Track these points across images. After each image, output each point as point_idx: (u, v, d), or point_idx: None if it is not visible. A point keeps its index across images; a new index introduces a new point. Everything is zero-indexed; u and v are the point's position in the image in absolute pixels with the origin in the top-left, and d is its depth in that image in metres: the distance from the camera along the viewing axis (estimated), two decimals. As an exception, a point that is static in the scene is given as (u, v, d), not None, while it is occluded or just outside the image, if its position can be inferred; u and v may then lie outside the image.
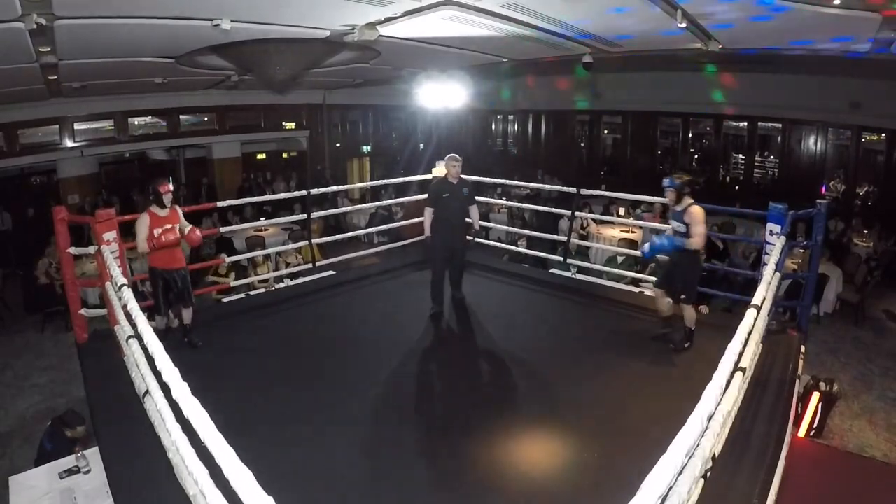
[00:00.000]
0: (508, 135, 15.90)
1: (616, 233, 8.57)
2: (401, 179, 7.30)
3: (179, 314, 4.21)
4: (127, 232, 4.57)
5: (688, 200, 3.98)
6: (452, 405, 3.61)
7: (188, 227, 4.00)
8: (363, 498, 2.74)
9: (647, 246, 4.13)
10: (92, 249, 4.13)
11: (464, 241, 5.06)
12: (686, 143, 12.80)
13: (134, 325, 2.51)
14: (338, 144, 13.73)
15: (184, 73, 7.10)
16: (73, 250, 4.17)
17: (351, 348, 4.29)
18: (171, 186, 3.97)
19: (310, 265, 5.91)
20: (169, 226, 3.89)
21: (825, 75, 9.15)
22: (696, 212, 3.87)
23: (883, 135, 9.97)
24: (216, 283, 6.41)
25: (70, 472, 3.44)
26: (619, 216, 9.08)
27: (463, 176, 4.89)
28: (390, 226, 7.55)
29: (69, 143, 9.89)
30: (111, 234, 3.93)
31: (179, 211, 4.08)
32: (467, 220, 5.05)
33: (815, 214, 4.23)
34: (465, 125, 14.99)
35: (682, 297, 4.06)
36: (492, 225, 8.25)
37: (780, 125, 11.25)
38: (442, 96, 7.31)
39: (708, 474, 2.08)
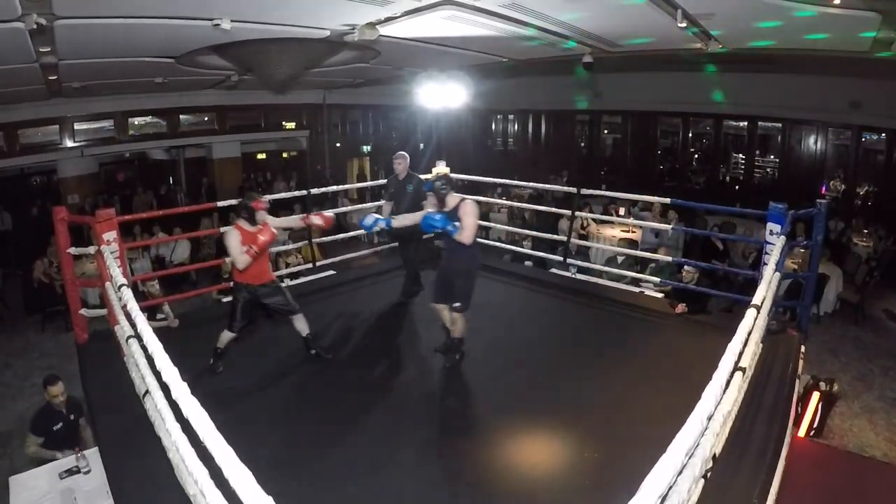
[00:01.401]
0: (508, 134, 15.91)
1: (616, 233, 8.57)
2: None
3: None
4: (127, 232, 4.57)
5: (454, 198, 3.71)
6: (452, 405, 3.61)
7: (310, 216, 3.83)
8: (363, 497, 2.74)
9: (371, 217, 3.82)
10: (92, 249, 4.13)
11: (413, 234, 4.97)
12: (686, 143, 12.82)
13: (134, 325, 2.51)
14: (338, 144, 13.73)
15: (184, 73, 7.11)
16: (73, 250, 4.17)
17: (350, 348, 4.29)
18: (267, 204, 3.68)
19: (310, 265, 5.91)
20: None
21: (825, 75, 9.16)
22: (469, 205, 3.64)
23: (883, 134, 9.99)
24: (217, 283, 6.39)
25: (70, 472, 3.44)
26: (618, 216, 9.08)
27: (414, 173, 5.05)
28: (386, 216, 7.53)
29: (69, 143, 9.89)
30: (111, 234, 3.93)
31: (270, 219, 3.76)
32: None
33: (815, 214, 4.22)
34: (465, 125, 14.99)
35: (457, 304, 3.76)
36: (492, 225, 8.25)
37: (780, 125, 11.26)
38: (442, 96, 7.31)
39: (708, 474, 2.08)
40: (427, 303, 4.93)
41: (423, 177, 5.02)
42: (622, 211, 9.33)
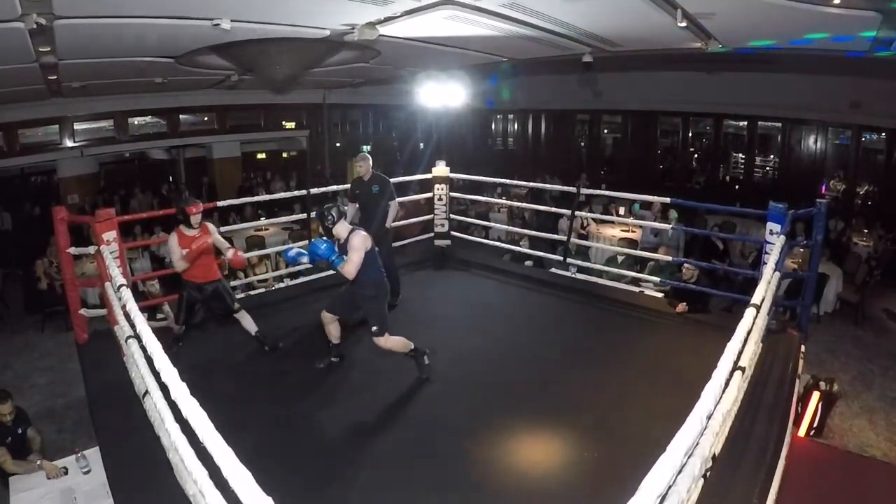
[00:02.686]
0: (508, 134, 15.90)
1: (616, 232, 8.57)
2: (401, 179, 7.29)
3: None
4: (127, 232, 4.57)
5: (344, 229, 3.54)
6: (452, 405, 3.60)
7: (231, 251, 3.94)
8: (363, 497, 2.75)
9: (296, 251, 3.75)
10: (92, 249, 4.13)
11: (382, 234, 4.92)
12: (686, 142, 12.81)
13: (133, 325, 2.51)
14: (338, 144, 13.72)
15: (184, 73, 7.10)
16: (72, 250, 4.17)
17: (350, 348, 4.29)
18: (200, 207, 3.90)
19: (310, 265, 5.90)
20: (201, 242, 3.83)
21: (825, 75, 9.15)
22: (357, 239, 3.48)
23: (884, 134, 9.98)
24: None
25: (70, 473, 3.44)
26: (618, 216, 9.07)
27: (380, 174, 5.01)
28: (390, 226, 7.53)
29: (69, 143, 9.89)
30: (111, 234, 3.93)
31: (212, 228, 3.99)
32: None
33: (815, 214, 4.22)
34: (465, 124, 14.98)
35: (374, 328, 3.62)
36: (491, 224, 8.25)
37: (780, 125, 11.25)
38: (442, 95, 7.30)
39: (708, 474, 2.08)
40: (428, 304, 4.95)
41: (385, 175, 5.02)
42: (622, 210, 9.33)
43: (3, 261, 9.04)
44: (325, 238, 3.55)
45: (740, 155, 12.13)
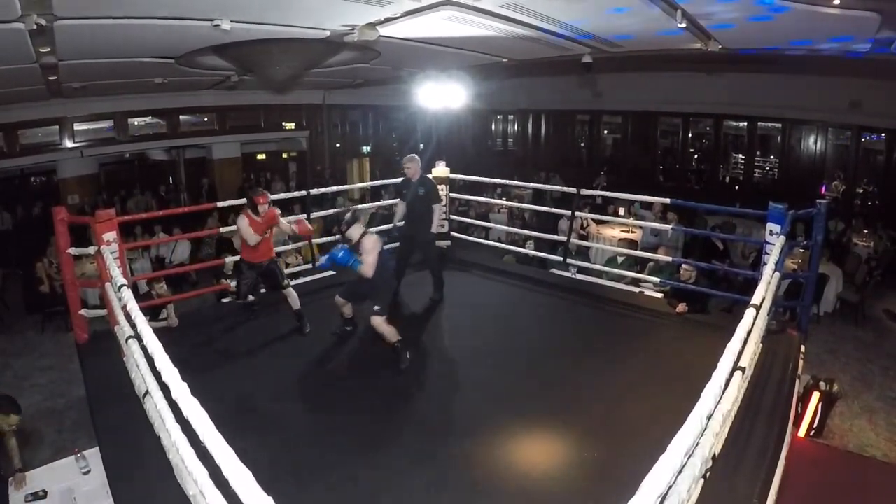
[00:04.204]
0: (508, 135, 15.90)
1: (616, 233, 8.57)
2: (401, 180, 7.29)
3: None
4: (127, 232, 4.58)
5: (357, 231, 3.89)
6: (452, 405, 3.61)
7: (295, 224, 4.50)
8: (363, 497, 2.75)
9: (325, 258, 3.99)
10: (92, 250, 4.13)
11: (426, 236, 5.04)
12: (686, 143, 12.81)
13: (134, 326, 2.51)
14: (338, 145, 13.72)
15: (184, 74, 7.10)
16: (73, 251, 4.17)
17: (351, 348, 4.29)
18: (268, 197, 4.31)
19: (310, 265, 5.91)
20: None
21: (825, 75, 9.15)
22: (369, 241, 3.82)
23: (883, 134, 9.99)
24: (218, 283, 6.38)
25: (69, 473, 3.44)
26: (618, 216, 9.07)
27: (427, 176, 5.20)
28: (390, 226, 7.54)
29: (69, 144, 9.89)
30: (111, 235, 3.93)
31: (277, 212, 4.40)
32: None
33: (814, 214, 4.23)
34: (465, 125, 14.99)
35: (376, 307, 3.86)
36: (491, 225, 8.25)
37: (780, 125, 11.25)
38: (442, 96, 7.30)
39: (708, 474, 2.08)
40: (429, 304, 4.95)
41: (434, 177, 5.16)
42: (622, 211, 9.33)
43: (3, 261, 9.04)
44: (341, 245, 3.86)
45: (740, 155, 12.14)
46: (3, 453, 3.42)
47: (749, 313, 2.54)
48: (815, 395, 4.78)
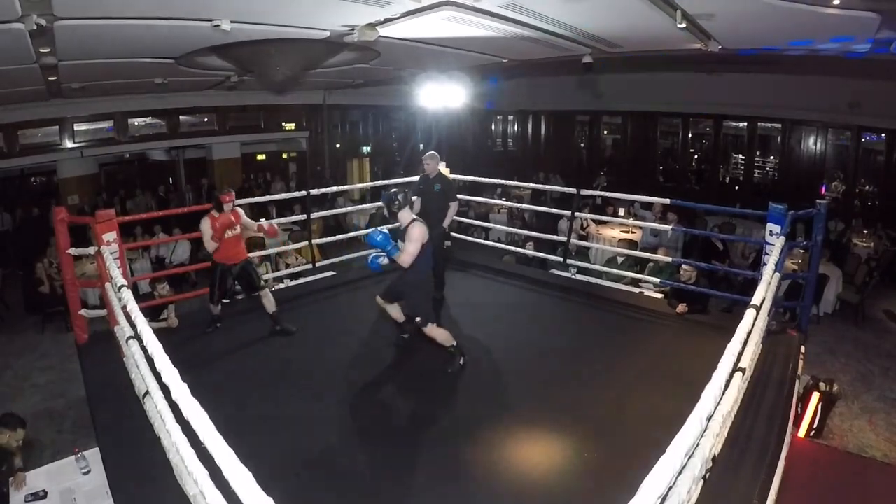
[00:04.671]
0: (508, 135, 15.91)
1: (616, 233, 8.56)
2: (401, 180, 7.30)
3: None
4: (127, 233, 4.58)
5: (407, 216, 3.62)
6: (452, 405, 3.61)
7: (259, 223, 4.53)
8: (363, 498, 2.75)
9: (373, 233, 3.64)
10: (92, 250, 4.13)
11: (440, 232, 5.02)
12: (686, 143, 12.82)
13: (134, 326, 2.51)
14: (338, 145, 13.72)
15: (184, 74, 7.10)
16: (73, 251, 4.17)
17: (351, 348, 4.29)
18: (233, 196, 4.34)
19: (310, 265, 5.91)
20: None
21: (825, 75, 9.15)
22: (415, 229, 3.56)
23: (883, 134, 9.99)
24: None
25: (69, 473, 3.44)
26: (618, 216, 9.07)
27: (444, 174, 5.15)
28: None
29: (69, 144, 9.89)
30: (111, 235, 3.93)
31: (241, 212, 4.45)
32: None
33: (814, 215, 4.23)
34: (465, 125, 14.99)
35: (417, 320, 3.74)
36: (491, 225, 8.24)
37: (780, 125, 11.26)
38: (442, 96, 7.30)
39: (708, 475, 2.08)
40: (437, 307, 4.93)
41: (450, 176, 5.12)
42: (622, 211, 9.33)
43: (3, 261, 9.04)
44: (380, 229, 3.62)
45: (740, 156, 12.15)
46: (9, 466, 3.40)
47: (749, 314, 2.54)
48: (815, 396, 4.78)
